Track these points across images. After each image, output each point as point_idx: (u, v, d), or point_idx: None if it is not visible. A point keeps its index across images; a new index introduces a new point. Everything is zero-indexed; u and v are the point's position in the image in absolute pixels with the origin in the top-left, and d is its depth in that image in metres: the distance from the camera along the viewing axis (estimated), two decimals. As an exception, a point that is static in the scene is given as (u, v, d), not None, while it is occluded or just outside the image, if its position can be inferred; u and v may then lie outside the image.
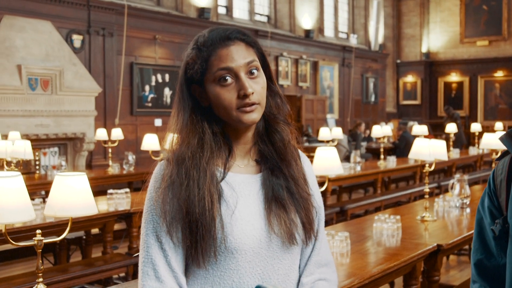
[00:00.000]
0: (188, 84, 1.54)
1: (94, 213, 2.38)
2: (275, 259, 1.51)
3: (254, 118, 1.50)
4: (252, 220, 1.49)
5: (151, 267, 1.45)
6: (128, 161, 8.18)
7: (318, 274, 1.61)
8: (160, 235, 1.46)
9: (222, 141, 1.53)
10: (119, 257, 4.84)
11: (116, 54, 10.76)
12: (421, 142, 4.41)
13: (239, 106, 1.48)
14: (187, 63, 1.53)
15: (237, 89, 1.48)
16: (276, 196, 1.53)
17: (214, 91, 1.49)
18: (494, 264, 1.55)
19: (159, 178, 1.51)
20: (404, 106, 21.18)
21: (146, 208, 1.51)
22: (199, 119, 1.52)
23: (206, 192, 1.44)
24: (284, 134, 1.58)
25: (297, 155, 1.62)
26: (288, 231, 1.51)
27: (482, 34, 19.80)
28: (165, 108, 11.82)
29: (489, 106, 19.78)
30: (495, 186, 1.55)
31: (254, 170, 1.57)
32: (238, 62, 1.48)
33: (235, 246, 1.45)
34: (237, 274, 1.47)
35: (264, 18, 15.28)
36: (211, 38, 1.50)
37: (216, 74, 1.48)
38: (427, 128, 11.03)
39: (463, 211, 4.78)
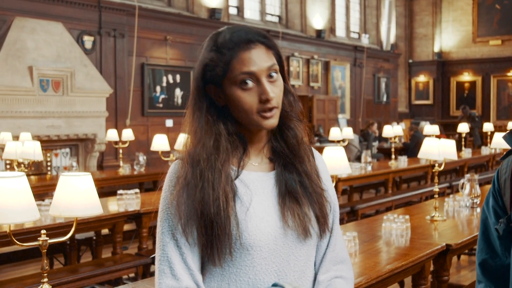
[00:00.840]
0: (204, 84, 1.53)
1: (100, 213, 2.39)
2: (290, 255, 1.52)
3: (273, 123, 1.51)
4: (267, 216, 1.50)
5: (167, 265, 1.46)
6: (139, 161, 8.21)
7: (334, 272, 1.61)
8: (175, 233, 1.47)
9: (238, 140, 1.54)
10: (129, 258, 4.85)
11: (127, 55, 10.80)
12: (430, 141, 4.39)
13: (259, 111, 1.49)
14: (206, 64, 1.52)
15: (259, 93, 1.49)
16: (290, 190, 1.54)
17: (234, 94, 1.49)
18: (498, 264, 1.54)
19: (173, 177, 1.51)
20: (416, 106, 21.09)
21: (162, 207, 1.51)
22: (215, 119, 1.52)
23: (221, 192, 1.45)
24: (297, 131, 1.59)
25: (310, 152, 1.63)
26: (302, 224, 1.52)
27: (495, 33, 19.67)
28: (176, 109, 11.84)
29: (502, 105, 19.65)
30: (499, 186, 1.54)
31: (267, 167, 1.58)
32: (260, 66, 1.48)
33: (250, 242, 1.46)
34: (252, 271, 1.48)
35: (275, 18, 15.27)
36: (233, 41, 1.49)
37: (238, 78, 1.48)
38: (438, 128, 10.95)
39: (473, 210, 4.75)
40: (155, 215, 5.17)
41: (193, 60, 12.15)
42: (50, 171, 9.22)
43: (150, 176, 8.45)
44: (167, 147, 6.07)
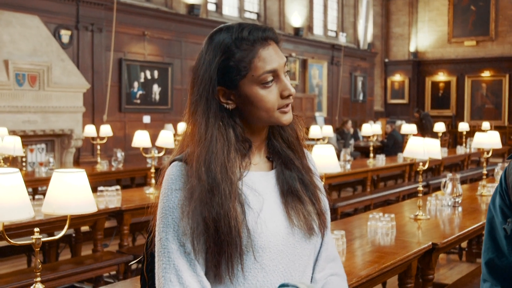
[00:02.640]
0: (214, 88, 1.46)
1: (94, 210, 2.33)
2: (295, 255, 1.50)
3: (291, 117, 1.51)
4: (274, 217, 1.47)
5: (174, 273, 1.39)
6: (117, 158, 8.11)
7: (329, 269, 1.61)
8: (182, 239, 1.40)
9: (243, 145, 1.49)
10: (110, 255, 4.78)
11: (105, 50, 10.67)
12: (415, 140, 4.40)
13: (280, 107, 1.47)
14: (223, 64, 1.45)
15: (279, 89, 1.47)
16: (292, 188, 1.52)
17: (256, 93, 1.45)
18: (505, 263, 1.54)
19: (176, 181, 1.44)
20: (391, 105, 21.25)
21: (164, 212, 1.43)
22: (225, 125, 1.46)
23: (231, 209, 1.39)
24: (296, 127, 1.58)
25: (305, 148, 1.63)
26: (307, 222, 1.51)
27: (469, 34, 19.90)
28: (154, 105, 11.75)
29: (476, 106, 19.89)
30: (507, 185, 1.54)
31: (266, 167, 1.56)
32: (279, 63, 1.47)
33: (261, 245, 1.43)
34: (261, 273, 1.44)
35: (254, 15, 15.24)
36: (250, 39, 1.45)
37: (262, 77, 1.44)
38: (416, 127, 11.04)
39: (455, 209, 4.78)
40: (134, 213, 5.06)
41: (171, 56, 12.07)
42: (25, 167, 9.07)
43: (128, 172, 8.37)
44: (148, 143, 6.00)
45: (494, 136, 5.71)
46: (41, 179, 6.76)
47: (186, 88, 10.63)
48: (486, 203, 5.26)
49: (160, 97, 11.86)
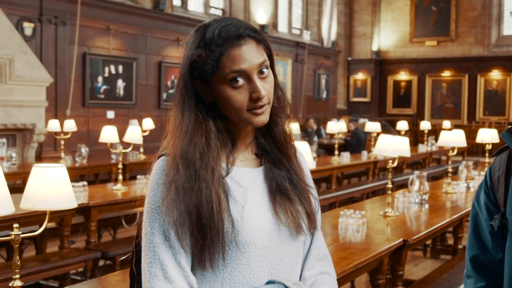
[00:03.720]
0: (191, 80, 1.47)
1: (74, 206, 2.29)
2: (283, 252, 1.49)
3: (264, 119, 1.47)
4: (260, 212, 1.47)
5: (159, 267, 1.39)
6: (81, 153, 8.00)
7: (319, 268, 1.61)
8: (167, 233, 1.40)
9: (227, 137, 1.49)
10: (77, 252, 4.72)
11: (69, 43, 10.49)
12: (385, 139, 4.45)
13: (250, 108, 1.45)
14: (194, 61, 1.45)
15: (249, 91, 1.44)
16: (280, 187, 1.52)
17: (224, 92, 1.44)
18: (489, 259, 1.57)
19: (161, 175, 1.44)
20: (354, 103, 21.45)
21: (150, 207, 1.43)
22: (204, 116, 1.47)
23: (213, 194, 1.40)
24: (285, 127, 1.56)
25: (295, 148, 1.61)
26: (295, 221, 1.50)
27: (431, 34, 20.22)
28: (118, 100, 11.62)
29: (436, 105, 20.23)
30: (492, 182, 1.56)
31: (254, 163, 1.55)
32: (251, 64, 1.43)
33: (246, 240, 1.42)
34: (247, 269, 1.44)
35: (219, 11, 15.19)
36: (222, 36, 1.42)
37: (228, 76, 1.42)
38: (380, 126, 11.18)
39: (422, 206, 4.86)
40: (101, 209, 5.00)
41: (136, 51, 11.95)
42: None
43: (92, 168, 8.27)
44: (116, 139, 5.92)
45: (459, 134, 5.82)
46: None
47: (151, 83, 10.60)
48: (451, 200, 5.37)
49: (125, 92, 11.72)
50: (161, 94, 12.55)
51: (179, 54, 13.03)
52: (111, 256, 4.78)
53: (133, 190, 5.61)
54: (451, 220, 4.53)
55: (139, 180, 5.86)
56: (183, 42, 13.04)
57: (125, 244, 5.10)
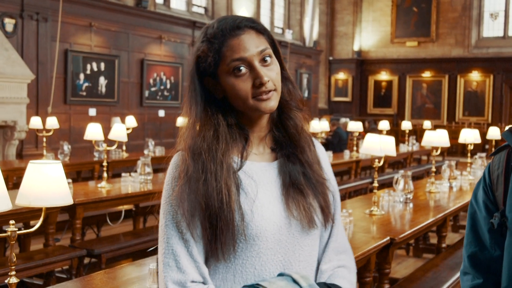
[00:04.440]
0: (200, 77, 1.52)
1: (70, 203, 2.28)
2: (295, 245, 1.51)
3: (272, 105, 1.50)
4: (272, 206, 1.49)
5: (172, 258, 1.44)
6: (63, 151, 7.94)
7: (337, 261, 1.62)
8: (180, 226, 1.44)
9: (238, 132, 1.52)
10: (62, 250, 4.68)
11: (50, 40, 10.40)
12: (372, 138, 4.49)
13: (255, 95, 1.47)
14: (198, 56, 1.51)
15: (252, 78, 1.47)
16: (294, 181, 1.53)
17: (229, 82, 1.48)
18: (487, 257, 1.59)
19: (176, 170, 1.49)
20: (335, 102, 21.54)
21: (164, 200, 1.49)
22: (214, 111, 1.51)
23: (223, 185, 1.44)
24: (297, 120, 1.58)
25: (310, 140, 1.62)
26: (307, 215, 1.52)
27: (411, 35, 20.38)
28: (100, 97, 11.54)
29: (417, 105, 20.40)
30: (491, 181, 1.58)
31: (270, 157, 1.57)
32: (250, 51, 1.47)
33: (256, 233, 1.45)
34: (259, 262, 1.47)
35: (202, 10, 15.17)
36: (221, 29, 1.48)
37: (230, 66, 1.47)
38: (362, 125, 11.24)
39: (406, 205, 4.90)
40: (86, 207, 4.96)
41: (118, 48, 11.88)
42: (-34, 158, 8.77)
43: (75, 166, 8.20)
44: (101, 136, 5.88)
45: (442, 134, 5.88)
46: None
47: (133, 81, 10.52)
48: (435, 200, 5.42)
49: (107, 90, 11.65)
50: (143, 92, 12.50)
51: (162, 51, 12.99)
52: (96, 254, 4.76)
53: (117, 188, 5.58)
54: (436, 219, 4.58)
55: (123, 178, 5.83)
56: (166, 40, 13.01)
57: (110, 242, 5.08)
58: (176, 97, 13.47)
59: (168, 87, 13.21)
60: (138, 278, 2.86)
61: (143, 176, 5.70)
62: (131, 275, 2.95)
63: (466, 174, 6.72)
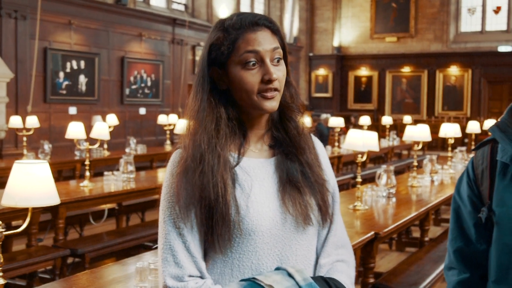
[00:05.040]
0: (208, 66, 1.54)
1: (57, 202, 2.27)
2: (292, 240, 1.53)
3: (274, 105, 1.52)
4: (267, 201, 1.51)
5: (170, 253, 1.47)
6: (44, 150, 7.87)
7: (336, 256, 1.64)
8: (177, 221, 1.48)
9: (237, 126, 1.55)
10: (45, 250, 4.65)
11: (29, 38, 10.30)
12: (355, 133, 4.51)
13: (261, 91, 1.50)
14: (212, 43, 1.53)
15: (262, 73, 1.50)
16: (291, 178, 1.55)
17: (238, 74, 1.50)
18: (473, 251, 1.61)
19: (175, 164, 1.52)
20: (316, 98, 21.59)
21: (163, 195, 1.52)
22: (217, 102, 1.53)
23: (219, 178, 1.46)
24: (298, 122, 1.61)
25: (311, 141, 1.64)
26: (303, 212, 1.53)
27: (391, 30, 20.49)
28: (81, 96, 11.46)
29: (396, 100, 20.52)
30: (475, 176, 1.60)
31: (267, 154, 1.59)
32: (264, 47, 1.50)
33: (251, 227, 1.47)
34: (255, 256, 1.49)
35: (182, 6, 15.11)
36: (240, 22, 1.51)
37: (242, 57, 1.49)
38: (343, 121, 11.29)
39: (389, 200, 4.93)
40: (69, 206, 4.94)
41: (98, 46, 11.80)
42: None
43: (56, 165, 8.12)
44: (83, 135, 5.84)
45: (424, 129, 5.92)
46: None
47: (113, 79, 10.46)
48: (417, 194, 5.47)
49: (87, 88, 11.57)
50: (123, 90, 12.43)
51: (142, 49, 12.92)
52: (80, 253, 4.72)
53: (100, 186, 5.54)
54: (419, 213, 4.62)
55: (106, 177, 5.79)
56: (146, 37, 12.94)
57: (93, 241, 5.05)
58: (157, 94, 13.42)
59: (149, 84, 13.15)
60: (123, 278, 2.85)
61: (126, 175, 5.67)
62: (115, 275, 2.94)
63: (447, 168, 6.78)
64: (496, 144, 1.56)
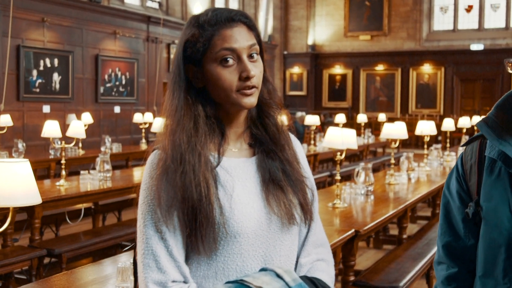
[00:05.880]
0: (184, 63, 1.50)
1: (38, 202, 2.22)
2: (276, 240, 1.51)
3: (253, 102, 1.49)
4: (251, 202, 1.48)
5: (152, 259, 1.42)
6: (18, 149, 7.75)
7: (315, 255, 1.62)
8: (159, 225, 1.43)
9: (216, 124, 1.51)
10: (21, 250, 4.58)
11: (1, 35, 10.13)
12: (334, 131, 4.52)
13: (239, 88, 1.47)
14: (187, 40, 1.49)
15: (239, 71, 1.47)
16: (273, 178, 1.53)
17: (214, 71, 1.47)
18: (461, 246, 1.62)
19: (154, 166, 1.47)
20: (290, 96, 21.64)
21: (142, 199, 1.46)
22: (194, 100, 1.49)
23: (201, 178, 1.42)
24: (277, 119, 1.58)
25: (289, 138, 1.62)
26: (288, 212, 1.51)
27: (364, 28, 20.63)
28: (54, 94, 11.32)
29: (371, 98, 20.68)
30: (464, 171, 1.61)
31: (247, 153, 1.57)
32: (241, 44, 1.47)
33: (237, 229, 1.44)
34: (240, 258, 1.46)
35: (156, 4, 15.01)
36: (216, 18, 1.47)
37: (219, 54, 1.46)
38: (319, 119, 11.33)
39: (367, 198, 4.96)
40: (45, 206, 4.85)
41: (72, 44, 11.67)
42: None
43: (31, 164, 8.01)
44: (58, 133, 5.77)
45: (401, 127, 5.97)
46: None
47: (88, 77, 10.36)
48: (394, 192, 5.51)
49: (61, 86, 11.44)
50: (98, 88, 12.32)
51: (116, 47, 12.81)
52: (57, 253, 4.66)
53: (76, 185, 5.48)
54: (398, 210, 4.65)
55: (82, 176, 5.73)
56: (120, 35, 12.83)
57: (70, 241, 4.99)
58: (132, 93, 13.32)
59: (123, 83, 13.04)
60: (102, 278, 2.82)
61: (102, 174, 5.62)
62: (94, 276, 2.91)
63: (423, 166, 6.84)
64: (485, 140, 1.58)
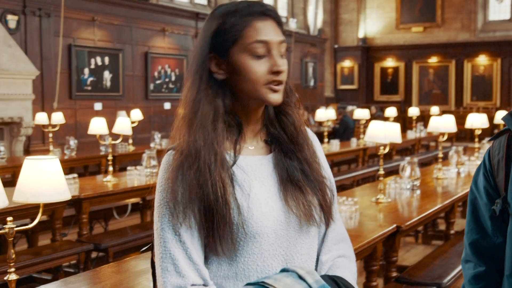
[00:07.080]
0: (208, 53, 1.47)
1: (67, 198, 2.27)
2: (296, 239, 1.48)
3: (279, 98, 1.47)
4: (270, 201, 1.45)
5: (171, 262, 1.39)
6: (70, 146, 7.95)
7: (336, 251, 1.59)
8: (176, 227, 1.40)
9: (233, 121, 1.48)
10: (69, 245, 4.68)
11: (54, 35, 10.37)
12: (376, 125, 4.45)
13: (268, 82, 1.44)
14: (216, 29, 1.46)
15: (269, 64, 1.44)
16: (291, 177, 1.50)
17: (244, 62, 1.44)
18: (489, 244, 1.56)
19: (168, 169, 1.44)
20: (341, 90, 21.47)
21: (158, 201, 1.44)
22: (214, 92, 1.46)
23: (217, 178, 1.39)
24: (295, 117, 1.55)
25: (307, 138, 1.58)
26: (307, 212, 1.48)
27: (417, 20, 20.24)
28: (105, 92, 11.53)
29: (424, 91, 20.30)
30: (492, 166, 1.55)
31: (264, 151, 1.54)
32: (273, 38, 1.45)
33: (256, 230, 1.42)
34: (261, 258, 1.43)
35: (204, 1, 15.10)
36: (248, 10, 1.45)
37: (251, 46, 1.43)
38: (369, 112, 11.19)
39: (413, 192, 4.86)
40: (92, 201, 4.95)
41: (121, 42, 11.86)
42: (-27, 156, 8.77)
43: (82, 161, 8.22)
44: (105, 130, 5.87)
45: (449, 120, 5.82)
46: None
47: (138, 74, 10.47)
48: (442, 186, 5.38)
49: (111, 84, 11.64)
50: (148, 85, 12.49)
51: (165, 44, 12.95)
52: (103, 247, 4.76)
53: (123, 181, 5.58)
54: (443, 205, 4.54)
55: (129, 172, 5.83)
56: (169, 32, 12.97)
57: (117, 235, 5.08)
58: (182, 89, 13.44)
59: (173, 79, 13.18)
60: (146, 270, 2.84)
61: (149, 169, 5.70)
62: (139, 267, 2.94)
63: (474, 160, 6.66)
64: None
